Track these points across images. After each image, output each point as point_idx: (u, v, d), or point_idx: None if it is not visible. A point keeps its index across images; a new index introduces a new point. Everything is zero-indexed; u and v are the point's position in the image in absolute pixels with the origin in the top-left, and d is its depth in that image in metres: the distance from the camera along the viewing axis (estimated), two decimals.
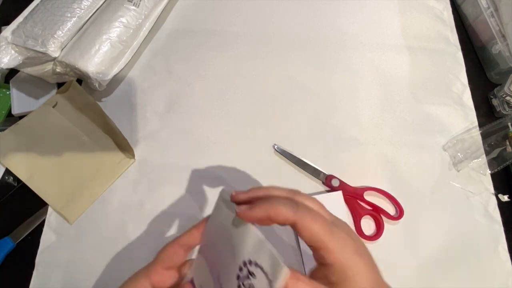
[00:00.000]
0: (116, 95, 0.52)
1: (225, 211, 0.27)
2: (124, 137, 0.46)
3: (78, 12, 0.48)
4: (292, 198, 0.27)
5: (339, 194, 0.45)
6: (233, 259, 0.24)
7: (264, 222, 0.25)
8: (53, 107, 0.47)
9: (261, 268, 0.23)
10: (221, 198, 0.28)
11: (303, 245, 0.42)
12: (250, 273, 0.23)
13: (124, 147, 0.47)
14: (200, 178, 0.47)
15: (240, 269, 0.24)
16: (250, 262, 0.23)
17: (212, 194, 0.46)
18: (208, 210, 0.45)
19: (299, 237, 0.29)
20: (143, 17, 0.51)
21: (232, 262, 0.24)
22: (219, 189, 0.43)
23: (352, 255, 0.25)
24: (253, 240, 0.24)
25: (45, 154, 0.46)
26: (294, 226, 0.25)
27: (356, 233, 0.28)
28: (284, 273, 0.22)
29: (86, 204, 0.45)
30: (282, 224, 0.25)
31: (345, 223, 0.28)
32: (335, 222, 0.27)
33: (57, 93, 0.48)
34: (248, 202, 0.26)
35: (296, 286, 0.22)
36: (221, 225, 0.27)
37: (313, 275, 0.26)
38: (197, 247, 0.30)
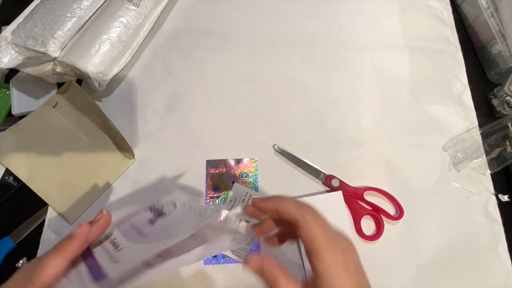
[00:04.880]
0: (116, 95, 0.52)
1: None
2: (123, 137, 0.46)
3: (78, 12, 0.48)
4: (300, 204, 0.28)
5: (339, 194, 0.45)
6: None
7: (271, 212, 0.29)
8: (53, 107, 0.47)
9: None
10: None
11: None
12: None
13: (123, 147, 0.47)
14: (200, 178, 0.47)
15: None
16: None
17: None
18: None
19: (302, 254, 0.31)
20: (143, 17, 0.51)
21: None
22: None
23: (340, 270, 0.25)
24: None
25: (45, 154, 0.46)
26: (296, 224, 0.27)
27: (355, 250, 0.28)
28: None
29: (86, 204, 0.45)
30: (287, 219, 0.28)
31: (346, 238, 0.28)
32: (335, 235, 0.27)
33: (57, 93, 0.48)
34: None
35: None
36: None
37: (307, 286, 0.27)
38: None
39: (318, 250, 0.26)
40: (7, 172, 0.46)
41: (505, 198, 0.47)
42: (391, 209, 0.46)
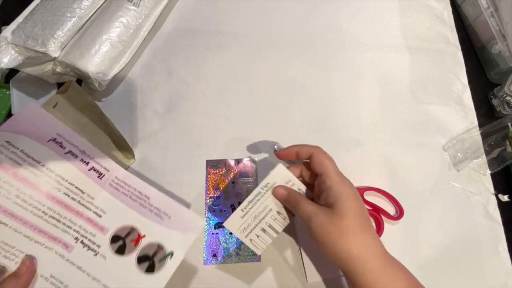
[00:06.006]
0: (116, 95, 0.52)
1: None
2: (123, 137, 0.46)
3: (78, 12, 0.48)
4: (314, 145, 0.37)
5: None
6: None
7: (292, 155, 0.38)
8: (53, 107, 0.47)
9: None
10: None
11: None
12: None
13: (123, 147, 0.47)
14: (200, 178, 0.47)
15: None
16: None
17: None
18: None
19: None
20: (143, 17, 0.51)
21: None
22: None
23: (346, 184, 0.35)
24: None
25: None
26: (310, 157, 0.36)
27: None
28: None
29: None
30: (305, 156, 0.37)
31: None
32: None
33: (57, 93, 0.48)
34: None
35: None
36: None
37: (315, 201, 0.35)
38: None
39: (327, 168, 0.34)
40: None
41: (505, 198, 0.47)
42: (391, 209, 0.46)
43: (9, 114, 0.50)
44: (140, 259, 0.32)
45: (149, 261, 0.32)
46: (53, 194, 0.31)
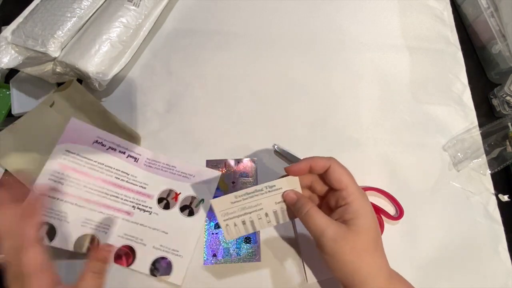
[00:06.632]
0: (116, 95, 0.52)
1: None
2: (126, 127, 0.47)
3: (78, 12, 0.48)
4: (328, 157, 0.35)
5: None
6: None
7: (305, 172, 0.35)
8: (50, 106, 0.47)
9: None
10: None
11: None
12: None
13: (131, 135, 0.47)
14: None
15: None
16: None
17: None
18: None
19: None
20: (143, 17, 0.51)
21: None
22: None
23: (365, 200, 0.33)
24: None
25: (43, 154, 0.45)
26: (327, 172, 0.34)
27: None
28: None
29: None
30: (320, 170, 0.34)
31: None
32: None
33: (54, 92, 0.48)
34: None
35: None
36: None
37: (331, 217, 0.33)
38: None
39: (347, 185, 0.33)
40: (7, 172, 0.46)
41: (505, 198, 0.47)
42: (391, 209, 0.46)
43: (9, 114, 0.50)
44: (182, 209, 0.44)
45: (189, 209, 0.44)
46: (108, 179, 0.43)
